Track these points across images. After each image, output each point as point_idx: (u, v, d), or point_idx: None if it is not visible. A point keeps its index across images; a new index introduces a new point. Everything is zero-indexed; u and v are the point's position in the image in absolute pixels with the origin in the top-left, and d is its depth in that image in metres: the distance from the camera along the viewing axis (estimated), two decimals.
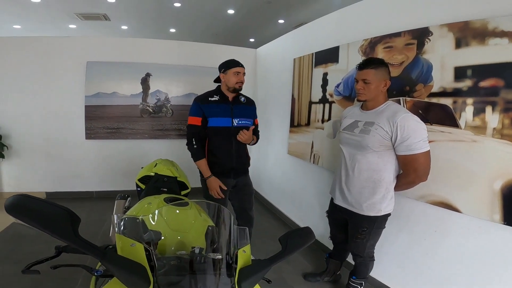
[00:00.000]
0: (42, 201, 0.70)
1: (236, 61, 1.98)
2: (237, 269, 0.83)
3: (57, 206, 0.70)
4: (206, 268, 0.82)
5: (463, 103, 1.51)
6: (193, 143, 1.92)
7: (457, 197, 1.54)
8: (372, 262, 1.81)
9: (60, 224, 0.67)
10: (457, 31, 1.50)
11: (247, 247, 0.93)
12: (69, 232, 0.67)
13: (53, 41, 3.51)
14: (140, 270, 0.75)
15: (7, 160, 3.55)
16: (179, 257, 0.87)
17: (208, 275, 0.81)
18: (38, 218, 0.65)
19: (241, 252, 0.89)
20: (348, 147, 1.64)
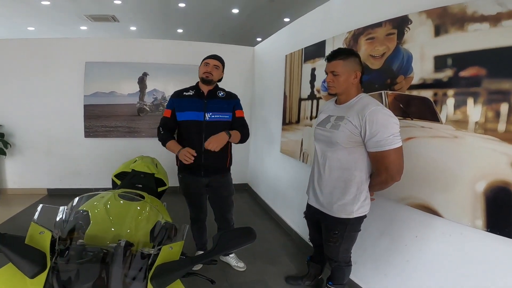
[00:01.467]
0: None
1: (212, 55, 1.94)
2: (155, 265, 0.81)
3: None
4: (117, 261, 0.80)
5: (443, 95, 1.39)
6: (160, 131, 1.93)
7: (438, 200, 1.41)
8: (349, 267, 1.70)
9: None
10: (436, 17, 1.39)
11: (177, 244, 0.89)
12: None
13: (53, 43, 3.63)
14: (35, 255, 0.77)
15: (11, 157, 3.69)
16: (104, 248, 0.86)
17: (115, 268, 0.79)
18: None
19: (166, 249, 0.86)
20: (320, 144, 1.55)
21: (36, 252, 0.79)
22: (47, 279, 0.77)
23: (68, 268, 0.80)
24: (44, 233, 0.85)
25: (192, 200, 2.10)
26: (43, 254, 0.79)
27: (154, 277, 0.80)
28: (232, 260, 2.31)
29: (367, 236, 1.84)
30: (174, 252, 0.88)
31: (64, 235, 0.89)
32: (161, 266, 0.83)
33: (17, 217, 3.10)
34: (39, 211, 0.93)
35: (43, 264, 0.77)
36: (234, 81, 4.01)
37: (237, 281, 2.16)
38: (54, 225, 0.92)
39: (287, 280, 2.13)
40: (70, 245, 0.86)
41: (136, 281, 0.80)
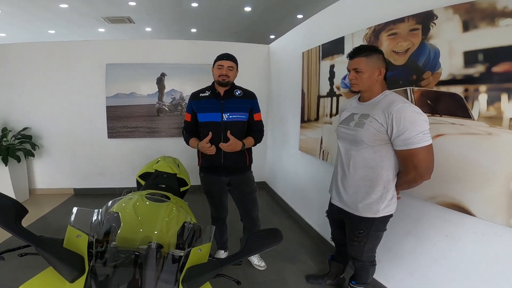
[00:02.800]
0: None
1: (222, 54, 1.91)
2: (185, 267, 0.82)
3: (6, 198, 0.75)
4: (150, 264, 0.82)
5: (475, 91, 1.34)
6: (184, 133, 2.05)
7: (470, 199, 1.37)
8: (373, 267, 1.67)
9: (4, 215, 0.72)
10: (464, 12, 1.34)
11: (205, 246, 0.91)
12: (10, 221, 0.73)
13: (75, 45, 3.75)
14: (74, 259, 0.78)
15: (39, 158, 3.87)
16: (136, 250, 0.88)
17: (148, 271, 0.80)
18: None
19: (195, 251, 0.88)
20: (344, 142, 1.53)
21: (75, 256, 0.81)
22: (85, 283, 0.79)
23: (105, 271, 0.82)
24: (81, 237, 0.87)
25: (213, 199, 2.12)
26: (81, 258, 0.81)
27: (185, 280, 0.82)
28: (254, 259, 2.33)
29: (393, 235, 1.80)
30: (202, 254, 0.90)
31: (100, 238, 0.91)
32: (191, 269, 0.84)
33: (47, 216, 3.24)
34: (74, 214, 0.96)
35: (81, 268, 0.79)
36: (250, 79, 4.01)
37: (257, 280, 2.17)
38: (90, 227, 0.95)
39: (307, 279, 2.13)
40: (106, 248, 0.88)
41: (168, 283, 0.82)
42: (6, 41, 7.77)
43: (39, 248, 0.77)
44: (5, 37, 7.63)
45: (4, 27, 6.80)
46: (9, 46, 3.67)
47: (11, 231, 0.75)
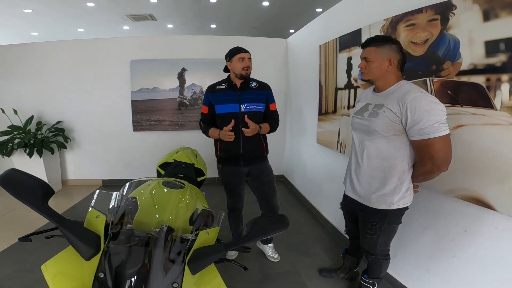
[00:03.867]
0: (25, 174, 0.84)
1: (240, 47, 1.98)
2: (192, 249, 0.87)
3: (34, 179, 0.84)
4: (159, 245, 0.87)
5: (497, 80, 1.31)
6: (201, 125, 2.11)
7: (491, 192, 1.33)
8: (387, 261, 1.66)
9: (31, 194, 0.80)
10: (483, 2, 1.30)
11: (213, 230, 0.95)
12: (37, 201, 0.81)
13: (102, 42, 3.95)
14: (91, 238, 0.85)
15: (70, 151, 4.14)
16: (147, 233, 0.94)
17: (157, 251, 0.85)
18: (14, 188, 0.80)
19: (203, 234, 0.93)
20: (358, 133, 1.53)
21: (92, 235, 0.87)
22: (100, 261, 0.85)
23: (118, 250, 0.87)
24: (99, 217, 0.94)
25: (231, 190, 2.18)
26: (98, 237, 0.88)
27: (191, 260, 0.86)
28: (268, 250, 2.37)
29: (409, 229, 1.79)
30: (210, 238, 0.95)
31: (116, 220, 0.98)
32: (197, 251, 0.89)
33: (76, 206, 3.47)
34: (95, 197, 1.04)
35: (97, 247, 0.86)
36: (268, 73, 4.05)
37: (271, 271, 2.21)
38: (108, 210, 1.02)
39: (320, 272, 2.13)
40: (121, 230, 0.94)
41: (175, 264, 0.86)
42: (38, 39, 8.23)
43: (61, 227, 0.84)
44: (37, 36, 8.08)
45: (37, 26, 7.21)
46: (43, 45, 3.93)
47: (37, 210, 0.82)
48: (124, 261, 0.84)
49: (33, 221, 2.97)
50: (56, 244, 0.89)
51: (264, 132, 2.03)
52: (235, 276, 2.07)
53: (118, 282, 0.81)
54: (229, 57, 1.98)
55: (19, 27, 7.15)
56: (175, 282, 0.83)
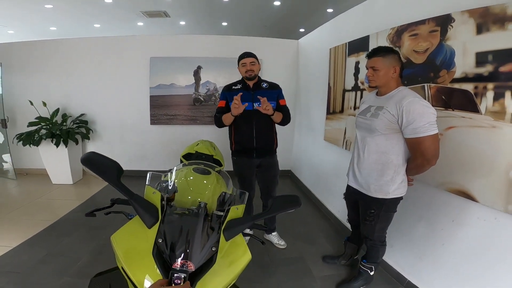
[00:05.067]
0: (102, 156, 1.07)
1: (243, 53, 2.23)
2: (226, 220, 1.09)
3: (110, 160, 1.06)
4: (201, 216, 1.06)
5: (484, 88, 1.50)
6: (216, 115, 2.30)
7: (474, 186, 1.54)
8: (384, 247, 1.86)
9: (109, 172, 1.02)
10: (478, 16, 1.49)
11: (241, 206, 1.16)
12: (114, 178, 1.01)
13: (123, 40, 4.20)
14: (153, 209, 1.05)
15: (93, 142, 4.41)
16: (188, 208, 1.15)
17: (199, 221, 1.05)
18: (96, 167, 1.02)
19: (233, 209, 1.12)
20: (361, 131, 1.75)
21: (153, 207, 1.06)
22: (159, 229, 1.03)
23: (173, 220, 1.06)
24: (155, 193, 1.13)
25: (244, 181, 2.41)
26: (156, 209, 1.06)
27: (226, 229, 1.05)
28: (274, 238, 2.60)
29: (405, 220, 1.98)
30: (239, 212, 1.14)
31: (170, 195, 1.19)
32: (230, 221, 1.08)
33: (96, 196, 3.71)
34: (149, 177, 1.25)
35: (156, 217, 1.04)
36: (279, 72, 4.26)
37: (278, 257, 2.41)
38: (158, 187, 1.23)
39: (324, 259, 2.34)
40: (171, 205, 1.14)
41: (214, 232, 1.05)
42: (57, 34, 8.51)
43: (131, 199, 1.03)
44: (55, 31, 8.36)
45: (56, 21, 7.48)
46: (68, 41, 4.21)
47: (115, 186, 1.01)
48: (176, 229, 1.03)
49: (59, 208, 3.24)
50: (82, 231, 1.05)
51: (277, 119, 2.23)
52: None
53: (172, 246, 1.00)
54: (237, 63, 2.25)
55: (39, 22, 7.43)
56: (213, 247, 1.03)
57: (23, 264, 2.19)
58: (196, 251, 0.97)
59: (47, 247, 2.44)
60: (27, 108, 4.00)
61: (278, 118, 2.23)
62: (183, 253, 0.96)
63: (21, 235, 2.60)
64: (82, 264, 2.22)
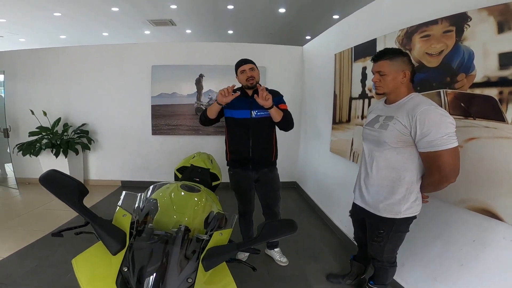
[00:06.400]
0: (63, 175, 0.94)
1: (240, 60, 2.05)
2: (206, 248, 0.94)
3: (72, 180, 0.94)
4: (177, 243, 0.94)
5: (510, 93, 1.31)
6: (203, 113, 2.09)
7: (500, 203, 1.34)
8: (393, 268, 1.68)
9: (70, 193, 0.90)
10: (498, 14, 1.31)
11: (226, 231, 1.03)
12: (74, 199, 0.90)
13: (124, 48, 4.16)
14: (118, 234, 0.93)
15: (94, 152, 4.35)
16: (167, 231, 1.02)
17: (175, 249, 0.93)
18: (55, 187, 0.89)
19: (216, 234, 1.00)
20: (368, 143, 1.56)
21: (119, 232, 0.95)
22: (125, 256, 0.92)
23: (141, 247, 0.95)
24: (126, 216, 1.03)
25: (241, 195, 2.25)
26: (124, 234, 0.96)
27: (205, 258, 0.93)
28: (276, 255, 2.42)
29: (419, 238, 1.80)
30: (223, 238, 1.01)
31: (141, 219, 1.07)
32: (211, 249, 0.95)
33: (97, 205, 3.63)
34: (122, 197, 1.13)
35: (123, 243, 0.94)
36: (284, 80, 4.13)
37: (279, 274, 2.25)
38: (133, 210, 1.11)
39: (328, 277, 2.16)
40: (144, 228, 1.02)
41: (190, 261, 0.93)
42: (66, 42, 8.69)
43: (93, 223, 0.92)
44: (65, 39, 8.53)
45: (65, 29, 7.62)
46: (71, 49, 4.19)
47: (74, 208, 0.91)
48: (146, 256, 0.92)
49: (56, 218, 3.14)
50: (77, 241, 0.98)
51: (276, 115, 1.96)
52: (245, 279, 2.12)
53: (139, 275, 0.88)
54: (235, 72, 2.08)
55: (49, 30, 7.58)
56: (189, 278, 0.89)
57: (10, 275, 2.11)
58: (169, 283, 0.85)
59: (39, 258, 2.36)
60: (29, 117, 3.98)
61: (278, 115, 1.96)
62: (152, 284, 0.84)
63: (14, 246, 2.54)
64: (71, 277, 2.10)
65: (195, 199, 1.37)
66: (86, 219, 0.94)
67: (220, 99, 1.92)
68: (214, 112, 2.01)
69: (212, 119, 2.06)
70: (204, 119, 2.08)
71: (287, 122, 2.04)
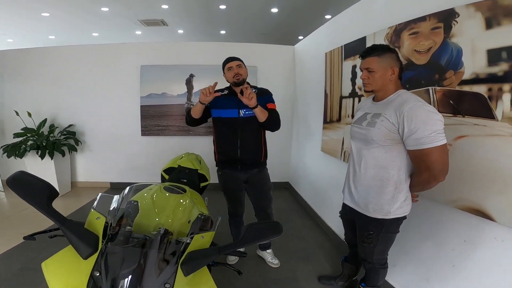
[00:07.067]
0: (32, 176, 0.88)
1: (227, 58, 2.00)
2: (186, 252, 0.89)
3: (41, 181, 0.88)
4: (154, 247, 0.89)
5: (499, 90, 1.29)
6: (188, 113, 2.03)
7: (491, 203, 1.31)
8: (384, 269, 1.64)
9: (37, 195, 0.84)
10: (486, 10, 1.29)
11: (208, 234, 0.98)
12: (42, 202, 0.85)
13: (113, 48, 4.08)
14: (90, 238, 0.88)
15: (81, 153, 4.25)
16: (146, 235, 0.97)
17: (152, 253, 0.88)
18: (22, 189, 0.84)
19: (197, 238, 0.95)
20: (356, 142, 1.53)
21: (91, 235, 0.90)
22: (96, 261, 0.87)
23: (115, 251, 0.89)
24: (99, 219, 0.97)
25: (230, 196, 2.19)
26: (96, 238, 0.91)
27: (184, 262, 0.88)
28: (268, 256, 2.37)
29: (410, 238, 1.78)
30: (205, 241, 0.96)
31: (115, 222, 1.01)
32: (190, 253, 0.91)
33: (85, 207, 3.53)
34: (98, 200, 1.08)
35: (95, 247, 0.89)
36: (276, 80, 4.09)
37: (270, 277, 2.20)
38: (108, 212, 1.05)
39: (319, 279, 2.13)
40: (119, 231, 0.97)
41: (168, 265, 0.88)
42: (55, 43, 8.54)
43: (62, 226, 0.88)
44: (54, 39, 8.38)
45: (54, 30, 7.49)
46: (58, 49, 4.09)
47: (41, 210, 0.86)
48: (120, 261, 0.87)
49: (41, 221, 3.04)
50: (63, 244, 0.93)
51: (261, 115, 1.89)
52: (235, 282, 2.07)
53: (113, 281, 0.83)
54: (222, 70, 2.03)
55: (37, 30, 7.45)
56: (167, 283, 0.85)
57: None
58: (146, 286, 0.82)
59: (23, 261, 2.31)
60: (15, 118, 3.86)
61: (263, 115, 1.89)
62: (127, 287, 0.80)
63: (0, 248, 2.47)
64: None
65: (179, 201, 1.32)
66: (55, 222, 0.88)
67: (202, 98, 1.86)
68: (198, 111, 1.96)
69: (197, 119, 2.00)
70: (189, 119, 2.02)
71: (273, 123, 1.97)
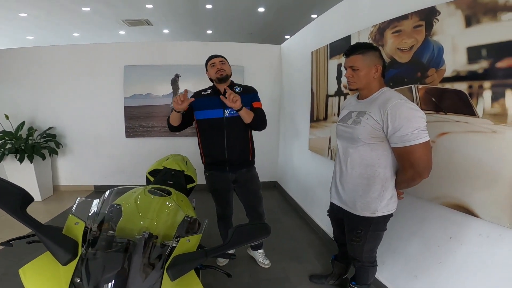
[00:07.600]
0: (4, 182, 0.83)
1: (210, 56, 1.98)
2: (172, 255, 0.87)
3: (14, 187, 0.83)
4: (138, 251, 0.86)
5: (479, 87, 1.31)
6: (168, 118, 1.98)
7: (474, 199, 1.33)
8: (374, 268, 1.65)
9: (10, 201, 0.79)
10: (466, 8, 1.31)
11: (194, 237, 0.95)
12: (15, 207, 0.80)
13: (95, 48, 3.96)
14: (68, 244, 0.84)
15: (62, 156, 4.11)
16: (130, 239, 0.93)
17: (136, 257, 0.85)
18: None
19: (183, 241, 0.92)
20: (342, 140, 1.53)
21: (70, 241, 0.87)
22: (77, 267, 0.84)
23: (96, 256, 0.86)
24: (78, 224, 0.94)
25: (218, 197, 2.15)
26: (76, 243, 0.87)
27: (170, 267, 0.85)
28: (259, 256, 2.35)
29: (397, 236, 1.79)
30: (191, 245, 0.94)
31: (95, 227, 0.97)
32: (177, 257, 0.88)
33: (68, 211, 3.36)
34: (76, 204, 1.04)
35: (74, 252, 0.85)
36: (262, 79, 4.07)
37: (261, 277, 2.19)
38: (88, 217, 1.01)
39: (311, 278, 2.13)
40: (100, 236, 0.94)
41: (154, 270, 0.86)
42: (34, 43, 8.25)
43: (38, 232, 0.84)
44: (33, 40, 8.09)
45: (32, 30, 7.23)
46: (37, 49, 3.93)
47: (15, 217, 0.82)
48: (102, 266, 0.84)
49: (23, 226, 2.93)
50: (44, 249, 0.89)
51: (247, 116, 1.87)
52: (225, 283, 2.05)
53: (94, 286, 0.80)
54: (205, 68, 1.99)
55: (14, 31, 7.18)
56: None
57: None
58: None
59: (6, 266, 2.23)
60: None
61: (248, 117, 1.87)
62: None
63: None
64: None
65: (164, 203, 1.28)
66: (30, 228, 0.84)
67: (175, 106, 1.79)
68: (176, 119, 1.91)
69: (178, 126, 1.95)
70: (170, 126, 1.98)
71: (259, 122, 1.95)
